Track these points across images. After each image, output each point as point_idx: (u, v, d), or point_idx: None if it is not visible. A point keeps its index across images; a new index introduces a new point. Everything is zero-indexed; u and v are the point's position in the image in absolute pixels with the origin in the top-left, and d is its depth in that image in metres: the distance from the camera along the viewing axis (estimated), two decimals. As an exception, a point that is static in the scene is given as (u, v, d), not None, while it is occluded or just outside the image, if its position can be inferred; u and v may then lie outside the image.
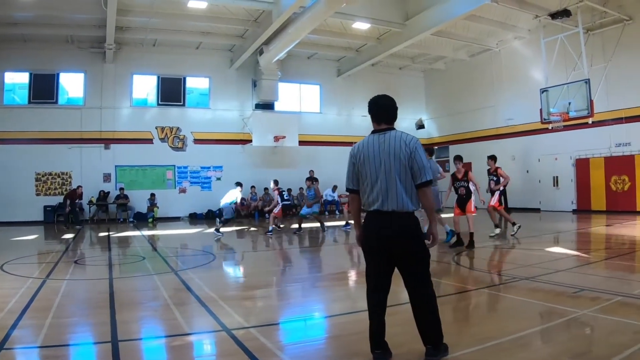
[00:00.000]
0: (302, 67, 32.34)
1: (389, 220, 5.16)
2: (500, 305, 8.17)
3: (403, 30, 26.42)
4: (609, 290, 8.38)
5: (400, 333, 5.90)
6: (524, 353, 5.58)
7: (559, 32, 23.87)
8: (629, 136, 24.42)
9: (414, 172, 5.15)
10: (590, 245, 15.64)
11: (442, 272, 11.36)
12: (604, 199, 25.27)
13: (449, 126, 35.55)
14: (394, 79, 35.35)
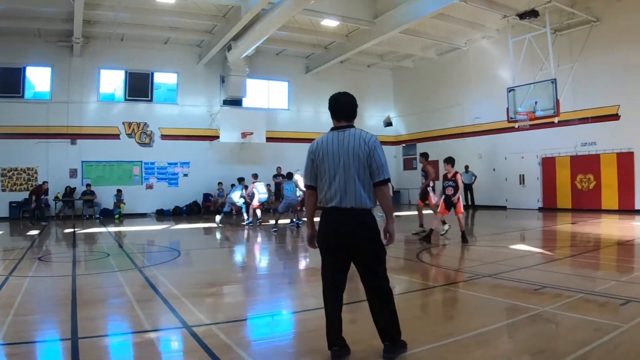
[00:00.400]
0: (270, 63, 32.19)
1: (347, 217, 5.17)
2: (462, 302, 8.22)
3: (372, 27, 26.49)
4: (571, 287, 8.48)
5: (359, 330, 5.96)
6: (483, 349, 5.63)
7: (527, 32, 24.12)
8: (595, 136, 24.75)
9: (372, 170, 5.18)
10: (555, 243, 15.82)
11: (405, 269, 11.45)
12: (569, 197, 25.59)
13: (417, 124, 35.75)
14: (363, 77, 35.54)
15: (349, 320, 5.72)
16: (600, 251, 13.63)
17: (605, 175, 24.31)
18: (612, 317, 6.74)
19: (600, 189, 24.43)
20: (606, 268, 11.37)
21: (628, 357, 5.28)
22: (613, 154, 24.13)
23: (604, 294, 7.99)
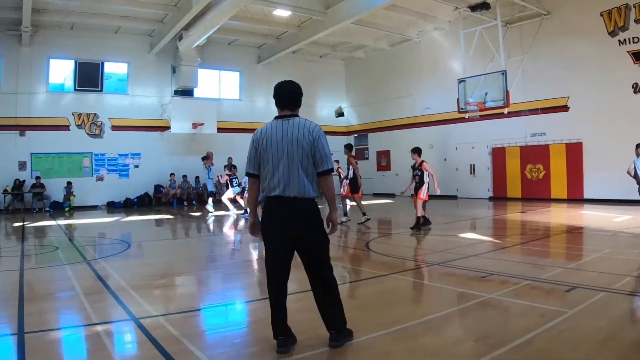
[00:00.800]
0: (222, 53, 31.83)
1: (290, 206, 5.15)
2: (410, 290, 8.28)
3: (324, 18, 26.38)
4: (518, 274, 8.60)
5: (305, 319, 5.91)
6: (430, 336, 5.67)
7: (478, 24, 24.38)
8: (544, 126, 25.14)
9: (315, 160, 5.17)
10: (504, 231, 16.08)
11: (355, 258, 11.51)
12: (519, 186, 25.95)
13: (368, 114, 35.86)
14: (315, 67, 35.43)
15: (296, 309, 5.71)
16: (548, 239, 13.82)
17: (554, 165, 24.73)
18: (558, 303, 6.85)
19: (550, 179, 24.84)
20: (553, 256, 11.56)
21: (572, 342, 5.33)
22: (562, 144, 24.54)
23: (550, 281, 8.11)
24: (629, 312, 6.47)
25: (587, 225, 16.17)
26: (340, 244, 13.48)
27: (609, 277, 8.30)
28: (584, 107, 23.51)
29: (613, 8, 22.39)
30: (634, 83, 22.05)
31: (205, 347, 5.55)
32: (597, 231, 14.49)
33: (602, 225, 15.44)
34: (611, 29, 22.62)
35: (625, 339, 5.45)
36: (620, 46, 22.36)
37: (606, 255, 10.55)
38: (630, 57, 22.07)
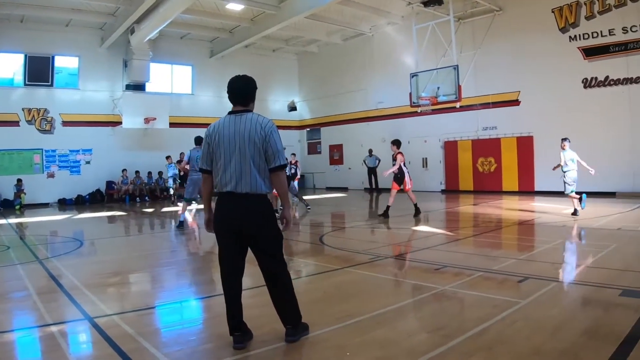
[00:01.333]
0: (174, 47, 31.43)
1: (242, 203, 5.11)
2: (363, 283, 8.23)
3: (277, 12, 26.24)
4: (471, 266, 8.71)
5: (261, 314, 5.90)
6: (383, 329, 5.67)
7: (431, 19, 24.55)
8: (496, 120, 25.59)
9: (268, 156, 5.13)
10: (457, 224, 16.21)
11: (308, 252, 11.51)
12: (471, 179, 26.30)
13: (321, 108, 35.92)
14: (268, 61, 35.31)
15: (251, 304, 5.70)
16: (501, 231, 14.03)
17: (505, 158, 25.14)
18: (510, 294, 6.96)
19: (501, 172, 25.24)
20: (506, 247, 11.76)
21: (524, 332, 5.41)
22: (513, 137, 24.98)
23: (503, 272, 8.24)
24: (579, 302, 6.59)
25: (538, 216, 16.42)
26: (294, 239, 13.49)
27: (560, 268, 8.50)
28: (535, 102, 24.01)
29: (564, 5, 22.88)
30: (583, 78, 22.58)
31: (161, 345, 5.48)
32: (548, 223, 14.71)
33: (553, 217, 15.73)
34: (562, 25, 23.09)
35: (576, 327, 5.54)
36: (571, 42, 22.85)
37: (557, 246, 10.77)
38: (581, 52, 22.58)
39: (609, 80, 22.06)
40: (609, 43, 21.96)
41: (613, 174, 21.57)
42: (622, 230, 12.70)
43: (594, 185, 21.85)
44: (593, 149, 21.95)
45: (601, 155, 21.69)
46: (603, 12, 22.04)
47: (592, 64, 22.42)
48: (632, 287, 6.98)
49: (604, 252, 9.62)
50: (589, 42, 22.47)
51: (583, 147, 22.25)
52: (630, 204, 18.27)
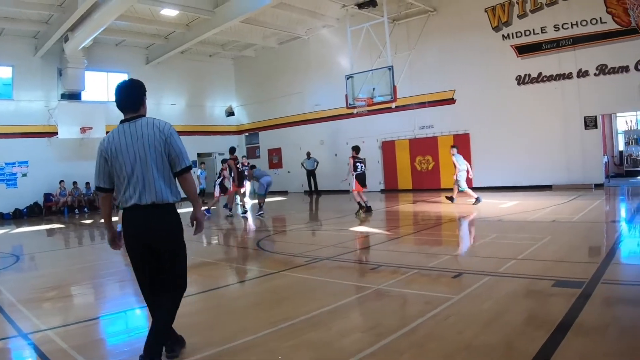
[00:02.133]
0: (109, 54, 30.67)
1: (148, 215, 4.76)
2: (299, 286, 8.15)
3: (212, 17, 26.00)
4: (407, 264, 8.73)
5: (197, 321, 5.84)
6: (317, 331, 5.64)
7: (366, 21, 24.61)
8: (432, 119, 25.84)
9: (171, 159, 4.82)
10: (394, 222, 16.30)
11: (245, 257, 11.39)
12: (410, 178, 26.44)
13: (259, 113, 35.69)
14: (204, 67, 34.96)
15: (188, 312, 5.55)
16: (438, 228, 14.14)
17: (443, 156, 25.28)
18: (444, 289, 6.97)
19: (439, 169, 25.46)
20: (442, 244, 11.83)
21: (457, 326, 5.42)
22: (450, 135, 25.18)
23: (438, 269, 8.27)
24: (513, 294, 6.62)
25: (475, 212, 16.60)
26: (231, 244, 13.38)
27: (494, 262, 8.54)
28: (470, 100, 24.39)
29: (497, 4, 23.31)
30: (517, 75, 23.02)
31: (95, 358, 5.35)
32: (484, 218, 14.92)
33: (490, 212, 15.94)
34: (495, 24, 23.50)
35: (509, 319, 5.59)
36: (504, 40, 23.29)
37: (492, 240, 10.87)
38: (514, 50, 23.02)
39: (542, 77, 22.52)
40: (541, 40, 22.42)
41: (548, 168, 22.13)
42: (557, 222, 12.93)
43: (529, 179, 22.38)
44: (528, 143, 22.53)
45: (536, 149, 22.27)
46: (535, 11, 22.48)
47: (525, 61, 22.85)
48: (564, 278, 7.10)
49: (539, 244, 9.74)
50: (521, 40, 22.90)
51: (518, 142, 22.84)
52: (565, 196, 18.61)
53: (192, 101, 34.36)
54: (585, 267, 7.82)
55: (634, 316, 5.50)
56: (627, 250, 9.39)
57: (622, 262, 8.46)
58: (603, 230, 12.08)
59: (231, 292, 5.54)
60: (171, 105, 32.75)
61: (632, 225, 12.54)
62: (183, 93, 33.98)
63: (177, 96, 33.60)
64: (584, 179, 21.62)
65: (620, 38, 20.55)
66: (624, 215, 14.70)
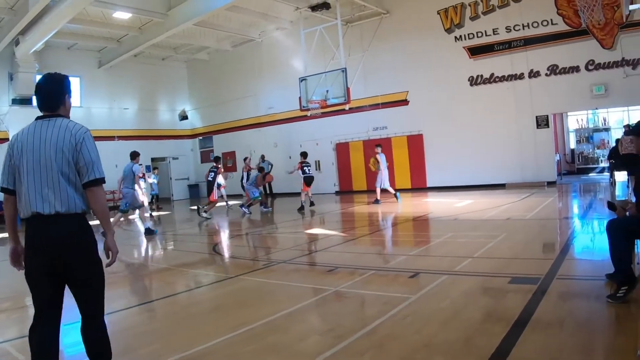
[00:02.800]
0: (61, 58, 29.90)
1: (51, 226, 4.02)
2: (257, 290, 8.09)
3: (165, 20, 25.71)
4: (364, 265, 8.74)
5: (144, 332, 5.72)
6: (276, 335, 5.60)
7: (319, 23, 24.65)
8: (386, 120, 26.01)
9: (79, 168, 4.08)
10: (350, 224, 16.28)
11: (202, 262, 11.24)
12: (364, 179, 26.47)
13: (213, 116, 35.47)
14: (157, 70, 34.62)
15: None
16: (394, 228, 14.25)
17: (397, 157, 25.54)
18: (402, 289, 6.99)
19: (394, 170, 25.53)
20: (398, 244, 11.91)
21: (414, 326, 5.42)
22: (404, 136, 25.46)
23: (394, 269, 8.30)
24: (470, 292, 6.65)
25: (431, 212, 16.75)
26: (188, 250, 13.26)
27: (451, 260, 8.59)
28: (424, 101, 24.65)
29: (449, 6, 23.67)
30: (470, 76, 23.36)
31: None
32: (439, 217, 15.03)
33: (445, 211, 16.08)
34: (448, 26, 23.81)
35: (467, 316, 5.63)
36: (457, 42, 23.63)
37: (448, 239, 10.93)
38: (466, 52, 23.35)
39: (494, 78, 22.87)
40: (494, 42, 22.79)
41: (502, 167, 22.52)
42: (511, 220, 13.10)
43: (483, 178, 22.66)
44: (482, 143, 22.83)
45: (490, 148, 22.62)
46: (487, 13, 22.82)
47: (478, 62, 23.18)
48: (520, 274, 7.21)
49: (494, 242, 9.83)
50: (474, 42, 23.23)
51: (472, 142, 23.11)
52: (518, 195, 18.86)
53: (145, 105, 33.93)
54: (541, 263, 7.91)
55: (589, 310, 5.58)
56: (580, 246, 9.54)
57: (576, 257, 8.58)
58: (556, 227, 12.28)
59: (189, 297, 5.46)
60: (124, 109, 32.35)
61: (585, 221, 12.80)
62: (136, 97, 33.53)
63: (130, 100, 33.15)
64: (536, 177, 22.00)
65: (571, 39, 21.02)
66: (576, 211, 14.99)
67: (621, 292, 5.55)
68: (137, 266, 11.32)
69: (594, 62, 20.74)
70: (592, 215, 13.66)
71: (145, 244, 14.51)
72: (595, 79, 20.74)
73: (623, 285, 5.55)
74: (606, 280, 5.91)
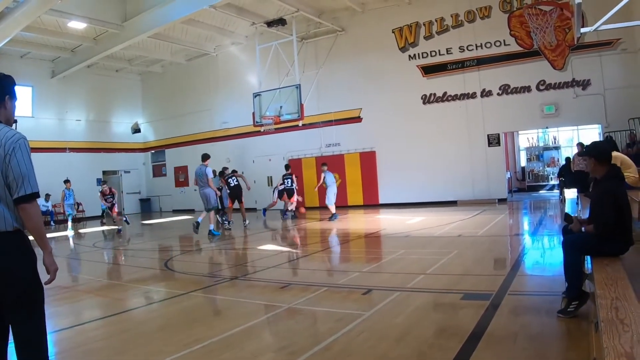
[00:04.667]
0: (13, 67, 28.90)
1: None
2: (209, 306, 8.05)
3: (120, 31, 25.49)
4: (316, 282, 8.73)
5: (106, 346, 5.61)
6: (230, 352, 5.51)
7: (274, 39, 24.77)
8: (339, 137, 26.13)
9: (9, 182, 3.62)
10: (303, 240, 16.23)
11: (152, 278, 11.06)
12: (316, 195, 26.36)
13: (166, 130, 35.16)
14: (111, 82, 34.14)
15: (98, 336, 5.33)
16: (346, 245, 14.22)
17: (350, 173, 25.69)
18: (355, 306, 6.98)
19: (346, 186, 25.68)
20: (351, 260, 11.88)
21: (369, 342, 5.41)
22: (356, 153, 25.60)
23: (347, 286, 8.27)
24: (423, 308, 6.68)
25: (383, 228, 16.82)
26: (138, 265, 13.08)
27: (403, 277, 8.63)
28: (377, 118, 24.87)
29: (404, 25, 24.04)
30: (423, 94, 23.70)
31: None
32: (392, 234, 15.11)
33: (397, 228, 16.17)
34: (402, 45, 24.13)
35: (421, 332, 5.64)
36: (411, 61, 23.97)
37: (400, 256, 10.96)
38: (420, 70, 23.72)
39: (447, 96, 23.21)
40: (447, 61, 23.18)
41: (454, 184, 22.73)
42: (462, 237, 13.21)
43: (435, 195, 22.88)
44: (434, 161, 23.09)
45: (442, 166, 22.90)
46: (441, 32, 23.23)
47: (431, 81, 23.52)
48: (472, 290, 7.30)
49: (446, 258, 9.91)
50: (427, 61, 23.61)
51: (424, 159, 23.33)
52: (470, 212, 19.07)
53: (97, 117, 33.39)
54: (492, 279, 8.00)
55: (541, 324, 5.65)
56: (531, 262, 9.67)
57: (527, 273, 8.69)
58: (507, 244, 12.46)
59: (139, 314, 5.35)
60: (76, 121, 31.84)
61: (535, 238, 12.98)
62: (89, 108, 33.01)
63: (83, 111, 32.63)
64: (488, 194, 22.31)
65: (523, 60, 21.53)
66: (526, 228, 15.24)
67: (572, 307, 5.65)
68: (83, 282, 11.10)
69: (544, 82, 21.23)
70: (543, 232, 13.91)
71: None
72: (546, 99, 21.24)
73: (574, 301, 5.66)
74: (562, 296, 5.99)
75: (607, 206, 5.60)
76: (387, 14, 24.59)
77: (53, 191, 26.48)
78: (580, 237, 5.97)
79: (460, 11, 22.88)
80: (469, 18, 22.71)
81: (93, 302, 5.25)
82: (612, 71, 20.40)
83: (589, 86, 20.68)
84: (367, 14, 25.13)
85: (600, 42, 19.91)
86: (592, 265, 5.47)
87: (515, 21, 21.69)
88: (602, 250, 5.69)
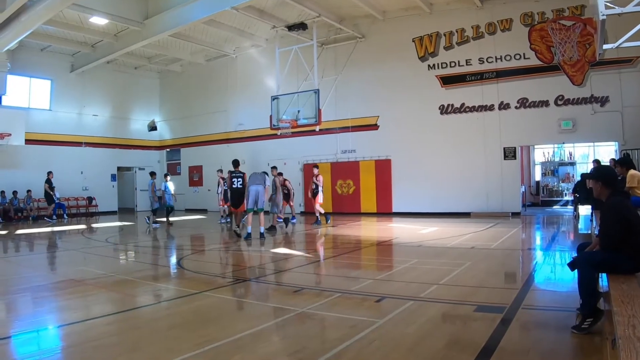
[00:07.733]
0: (34, 59, 29.58)
1: None
2: (223, 307, 8.01)
3: (141, 29, 25.67)
4: (330, 287, 8.74)
5: (118, 342, 5.61)
6: (242, 354, 5.49)
7: (295, 43, 24.82)
8: (355, 144, 26.19)
9: None
10: (316, 245, 16.26)
11: (166, 276, 11.11)
12: (330, 201, 26.44)
13: (182, 129, 35.39)
14: (129, 79, 34.46)
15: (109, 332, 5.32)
16: (359, 252, 14.18)
17: (364, 181, 25.75)
18: (368, 313, 6.95)
19: (360, 194, 25.74)
20: (364, 268, 11.85)
21: (381, 350, 5.40)
22: (372, 160, 25.64)
23: (361, 293, 8.26)
24: (436, 319, 6.68)
25: (396, 237, 16.78)
26: (152, 263, 13.11)
27: (416, 286, 8.62)
28: (393, 126, 24.92)
29: (425, 35, 24.07)
30: (440, 105, 23.73)
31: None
32: (405, 243, 15.09)
33: (410, 237, 16.17)
34: (422, 54, 24.19)
35: (433, 343, 5.62)
36: (430, 70, 24.02)
37: (413, 265, 10.95)
38: (439, 81, 23.75)
39: (464, 107, 23.21)
40: (466, 72, 23.21)
41: (468, 196, 22.74)
42: (476, 248, 13.21)
43: (449, 206, 22.86)
44: (449, 171, 23.07)
45: (457, 177, 22.87)
46: (461, 43, 23.24)
47: (449, 91, 23.55)
48: (485, 303, 7.25)
49: (459, 269, 9.90)
50: (446, 71, 23.62)
51: (439, 169, 23.32)
52: (483, 224, 19.07)
53: (114, 113, 33.69)
54: (505, 292, 8.01)
55: (554, 340, 5.63)
56: (543, 277, 9.68)
57: (539, 288, 8.67)
58: (520, 258, 12.42)
59: (153, 311, 5.36)
60: (93, 116, 32.08)
61: (548, 253, 12.95)
62: (106, 104, 33.25)
63: (100, 107, 32.88)
64: (501, 208, 22.25)
65: (542, 74, 21.51)
66: (539, 243, 15.21)
67: (586, 323, 5.65)
68: (94, 277, 11.11)
69: (563, 98, 21.20)
70: (555, 247, 13.87)
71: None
72: (564, 114, 21.20)
73: (589, 317, 5.65)
74: (576, 312, 5.99)
75: (612, 219, 5.72)
76: (407, 22, 24.67)
77: (67, 184, 26.64)
78: (594, 254, 5.99)
79: (481, 23, 22.90)
80: (490, 30, 22.72)
81: (108, 297, 5.22)
82: (631, 89, 20.38)
83: (607, 103, 20.64)
84: (388, 22, 25.21)
85: (620, 59, 19.84)
86: (608, 283, 5.46)
87: (535, 35, 21.66)
88: (617, 268, 5.70)
